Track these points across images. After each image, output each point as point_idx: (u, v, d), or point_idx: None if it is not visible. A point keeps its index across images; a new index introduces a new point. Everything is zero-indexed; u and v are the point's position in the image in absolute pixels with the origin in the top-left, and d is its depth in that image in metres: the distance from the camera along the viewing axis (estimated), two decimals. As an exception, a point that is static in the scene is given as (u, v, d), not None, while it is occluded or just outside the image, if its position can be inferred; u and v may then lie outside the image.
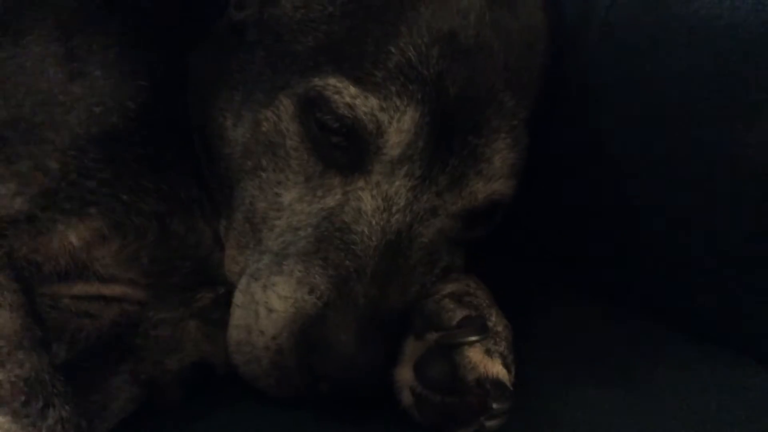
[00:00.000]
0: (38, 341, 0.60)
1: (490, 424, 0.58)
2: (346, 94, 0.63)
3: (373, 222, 0.64)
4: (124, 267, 0.72)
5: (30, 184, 0.68)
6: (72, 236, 0.69)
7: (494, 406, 0.58)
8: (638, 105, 0.72)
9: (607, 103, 0.74)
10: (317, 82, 0.64)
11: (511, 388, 0.61)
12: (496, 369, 0.60)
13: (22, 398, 0.55)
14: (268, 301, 0.64)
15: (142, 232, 0.72)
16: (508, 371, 0.62)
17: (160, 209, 0.72)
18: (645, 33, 0.71)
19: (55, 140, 0.69)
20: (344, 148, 0.65)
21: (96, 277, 0.71)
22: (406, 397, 0.62)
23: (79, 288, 0.72)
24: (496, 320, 0.65)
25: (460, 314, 0.63)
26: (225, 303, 0.70)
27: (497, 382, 0.59)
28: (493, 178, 0.67)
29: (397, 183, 0.65)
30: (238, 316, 0.67)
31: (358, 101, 0.63)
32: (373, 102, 0.63)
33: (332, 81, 0.64)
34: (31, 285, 0.67)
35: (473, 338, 0.61)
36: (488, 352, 0.61)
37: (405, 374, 0.62)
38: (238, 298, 0.67)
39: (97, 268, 0.71)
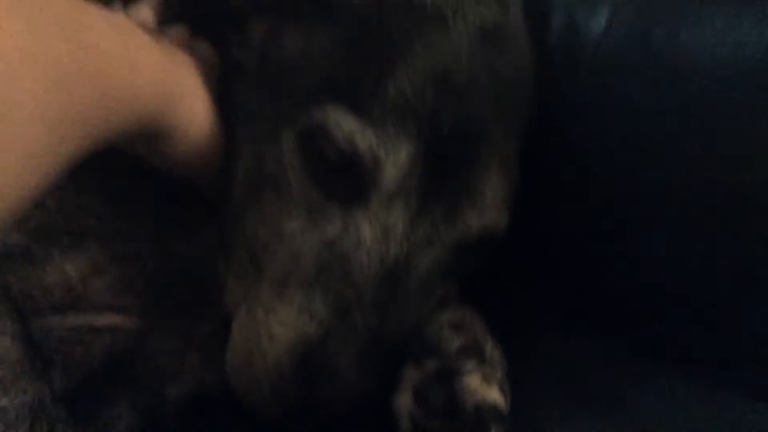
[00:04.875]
0: (38, 369, 0.60)
1: (489, 449, 0.60)
2: (345, 128, 0.65)
3: (372, 251, 0.66)
4: (119, 294, 0.72)
5: (27, 220, 0.69)
6: (69, 268, 0.70)
7: (493, 430, 0.59)
8: (624, 140, 0.75)
9: (593, 139, 0.78)
10: (318, 114, 0.66)
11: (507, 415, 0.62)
12: (494, 395, 0.62)
13: (27, 424, 0.55)
14: (269, 327, 0.65)
15: (142, 259, 0.73)
16: (505, 398, 0.63)
17: (162, 231, 0.74)
18: (630, 71, 0.75)
19: None
20: (344, 180, 0.67)
21: (90, 305, 0.72)
22: (405, 424, 0.63)
23: (72, 320, 0.72)
24: (491, 349, 0.66)
25: (457, 342, 0.65)
26: (224, 333, 0.71)
27: (495, 409, 0.61)
28: (486, 209, 0.69)
29: (394, 214, 0.67)
30: (239, 337, 0.68)
31: (357, 135, 0.65)
32: (371, 136, 0.65)
33: (333, 115, 0.66)
34: (26, 316, 0.67)
35: (471, 365, 0.62)
36: (486, 379, 0.62)
37: (404, 400, 0.63)
38: (240, 319, 0.68)
39: (92, 296, 0.71)
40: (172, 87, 0.66)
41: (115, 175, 0.72)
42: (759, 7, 0.67)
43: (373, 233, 0.66)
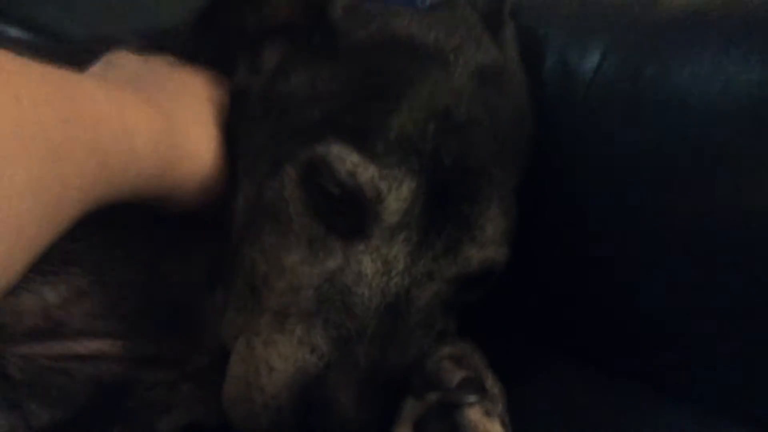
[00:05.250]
0: (11, 402, 0.59)
1: (491, 483, 0.59)
2: (348, 162, 0.66)
3: (373, 284, 0.66)
4: (102, 318, 0.72)
5: None
6: (49, 294, 0.69)
7: (495, 465, 0.59)
8: (615, 179, 0.76)
9: (586, 177, 0.79)
10: (320, 149, 0.67)
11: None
12: (496, 429, 0.61)
13: None
14: (268, 359, 0.65)
15: (129, 284, 0.72)
16: (506, 432, 0.63)
17: (154, 256, 0.73)
18: (622, 110, 0.76)
19: None
20: (345, 214, 0.68)
21: (71, 331, 0.70)
22: (405, 458, 0.63)
23: (55, 348, 0.70)
24: (492, 383, 0.66)
25: (459, 375, 0.65)
26: (219, 366, 0.70)
27: (497, 442, 0.61)
28: (486, 244, 0.70)
29: (395, 248, 0.67)
30: (238, 368, 0.68)
31: (359, 169, 0.66)
32: (374, 171, 0.66)
33: (335, 148, 0.67)
34: None
35: (473, 398, 0.62)
36: (487, 413, 0.62)
37: (405, 434, 0.63)
38: (239, 351, 0.68)
39: (73, 322, 0.70)
40: (173, 144, 0.66)
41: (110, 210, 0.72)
42: (746, 44, 0.69)
43: (374, 267, 0.67)
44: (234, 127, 0.74)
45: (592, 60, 0.81)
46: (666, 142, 0.73)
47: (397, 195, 0.66)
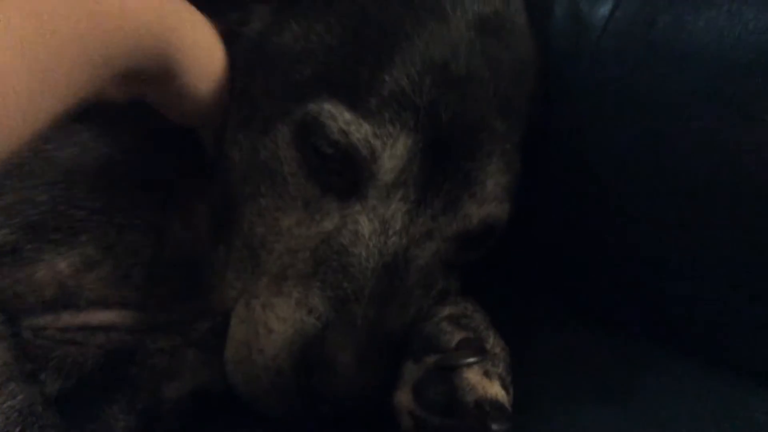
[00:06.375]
0: (27, 373, 0.60)
1: (490, 444, 0.58)
2: (340, 120, 0.64)
3: (371, 244, 0.65)
4: (116, 287, 0.71)
5: (15, 216, 0.68)
6: (61, 264, 0.69)
7: (494, 427, 0.57)
8: (627, 131, 0.74)
9: (597, 130, 0.76)
10: (313, 107, 0.66)
11: (510, 409, 0.61)
12: (495, 390, 0.60)
13: (18, 429, 0.54)
14: (267, 321, 0.65)
15: (137, 249, 0.72)
16: (507, 392, 0.62)
17: (157, 220, 0.72)
18: (635, 60, 0.73)
19: (43, 174, 0.69)
20: (340, 174, 0.66)
21: (84, 301, 0.71)
22: (406, 421, 0.62)
23: (65, 319, 0.71)
24: (493, 342, 0.65)
25: (458, 336, 0.64)
26: (222, 331, 0.70)
27: (496, 404, 0.59)
28: (487, 200, 0.68)
29: (392, 207, 0.66)
30: (238, 332, 0.67)
31: (352, 127, 0.64)
32: (367, 128, 0.64)
33: (327, 107, 0.65)
34: (15, 317, 0.67)
35: (472, 360, 0.61)
36: (487, 374, 0.61)
37: (404, 398, 0.62)
38: (238, 314, 0.68)
39: (86, 292, 0.70)
40: (170, 15, 0.64)
41: (108, 166, 0.72)
42: (764, -9, 0.66)
43: (371, 226, 0.65)
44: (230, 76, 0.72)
45: (604, 9, 0.78)
46: (678, 92, 0.70)
47: (391, 153, 0.64)
